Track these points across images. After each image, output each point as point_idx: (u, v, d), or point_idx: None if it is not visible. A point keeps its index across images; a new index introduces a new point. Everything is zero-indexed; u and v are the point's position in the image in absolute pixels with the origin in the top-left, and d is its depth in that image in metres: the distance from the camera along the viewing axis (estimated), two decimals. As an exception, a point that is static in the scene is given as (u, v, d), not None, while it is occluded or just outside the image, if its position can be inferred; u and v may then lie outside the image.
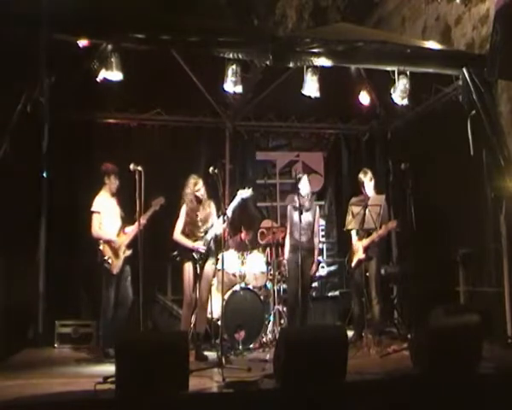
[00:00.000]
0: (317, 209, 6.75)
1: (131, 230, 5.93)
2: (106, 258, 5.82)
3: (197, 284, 5.84)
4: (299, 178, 6.65)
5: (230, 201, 6.18)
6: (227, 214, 5.81)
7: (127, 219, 6.03)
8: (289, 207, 6.78)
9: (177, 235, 5.94)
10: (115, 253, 5.88)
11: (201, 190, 5.97)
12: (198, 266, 5.83)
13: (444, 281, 6.84)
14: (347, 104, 7.95)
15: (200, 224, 5.94)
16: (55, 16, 5.03)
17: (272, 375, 4.37)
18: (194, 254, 5.84)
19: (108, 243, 5.88)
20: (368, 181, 6.59)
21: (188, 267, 5.85)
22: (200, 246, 5.85)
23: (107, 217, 5.96)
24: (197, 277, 5.84)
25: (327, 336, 4.43)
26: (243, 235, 7.24)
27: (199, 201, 5.98)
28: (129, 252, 5.93)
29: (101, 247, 5.87)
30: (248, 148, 8.51)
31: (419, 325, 5.07)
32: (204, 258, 5.87)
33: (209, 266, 5.94)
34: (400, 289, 7.82)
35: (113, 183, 6.04)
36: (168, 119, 7.85)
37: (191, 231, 5.94)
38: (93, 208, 5.93)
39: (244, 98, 7.07)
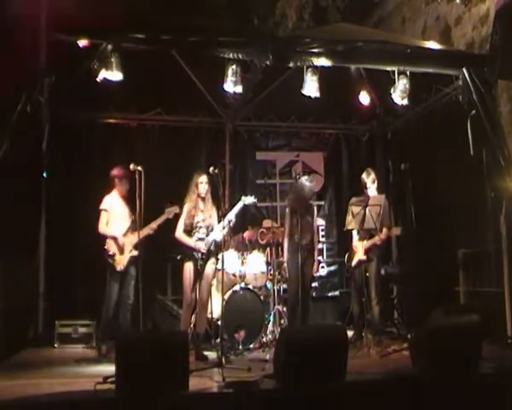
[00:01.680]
0: (314, 209, 6.75)
1: (142, 232, 5.93)
2: (110, 253, 5.86)
3: (197, 284, 5.85)
4: (298, 178, 6.68)
5: (231, 203, 6.16)
6: (229, 220, 5.85)
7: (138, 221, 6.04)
8: (288, 209, 6.78)
9: (179, 233, 5.94)
10: (120, 250, 5.91)
11: (204, 185, 5.96)
12: (199, 266, 5.83)
13: (444, 281, 6.84)
14: (347, 104, 7.95)
15: (201, 224, 5.94)
16: (55, 16, 5.04)
17: (272, 375, 4.37)
18: (195, 254, 5.84)
19: (114, 239, 5.92)
20: (370, 182, 6.59)
21: (189, 267, 5.85)
22: (201, 246, 5.85)
23: (114, 216, 6.01)
24: (198, 277, 5.84)
25: (327, 336, 4.43)
26: (248, 233, 7.22)
27: (202, 199, 5.98)
28: (135, 252, 5.93)
29: (106, 244, 5.92)
30: (248, 148, 8.51)
31: (419, 325, 5.07)
32: (205, 259, 5.87)
33: (209, 266, 5.93)
34: (400, 290, 7.82)
35: (123, 186, 6.10)
36: (168, 119, 7.85)
37: (193, 230, 5.93)
38: (101, 206, 6.01)
39: (244, 98, 7.06)
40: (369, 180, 6.60)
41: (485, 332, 4.80)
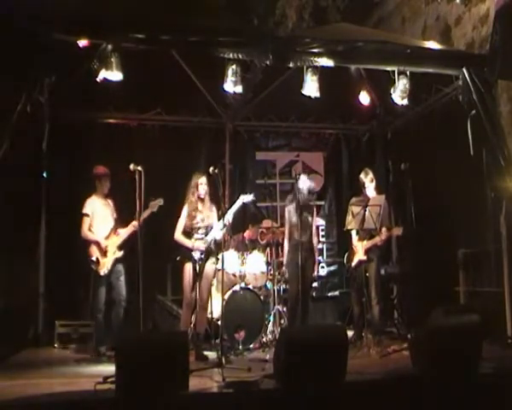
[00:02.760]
0: (314, 209, 6.75)
1: (124, 231, 5.95)
2: (92, 258, 5.86)
3: (197, 284, 5.84)
4: (298, 178, 6.69)
5: (231, 203, 6.16)
6: (227, 219, 5.85)
7: (122, 219, 6.05)
8: (287, 208, 6.78)
9: (178, 235, 5.95)
10: (103, 254, 5.91)
11: (204, 186, 5.96)
12: (198, 266, 5.82)
13: (444, 281, 6.84)
14: (347, 104, 7.94)
15: (200, 224, 5.94)
16: (55, 16, 5.04)
17: (272, 375, 4.37)
18: (194, 254, 5.84)
19: (96, 243, 5.92)
20: (368, 182, 6.60)
21: (188, 267, 5.85)
22: (200, 245, 5.85)
23: (97, 218, 6.02)
24: (197, 277, 5.84)
25: (327, 336, 4.43)
26: (249, 233, 7.21)
27: (201, 200, 5.98)
28: (120, 253, 5.96)
29: (89, 248, 5.92)
30: (248, 148, 8.52)
31: (419, 325, 5.07)
32: (204, 258, 5.87)
33: (209, 265, 5.94)
34: (400, 289, 7.82)
35: (104, 185, 6.10)
36: (168, 119, 7.85)
37: (192, 231, 5.94)
38: (83, 211, 6.01)
39: (244, 98, 7.07)
40: (367, 180, 6.61)
41: (485, 332, 4.79)
